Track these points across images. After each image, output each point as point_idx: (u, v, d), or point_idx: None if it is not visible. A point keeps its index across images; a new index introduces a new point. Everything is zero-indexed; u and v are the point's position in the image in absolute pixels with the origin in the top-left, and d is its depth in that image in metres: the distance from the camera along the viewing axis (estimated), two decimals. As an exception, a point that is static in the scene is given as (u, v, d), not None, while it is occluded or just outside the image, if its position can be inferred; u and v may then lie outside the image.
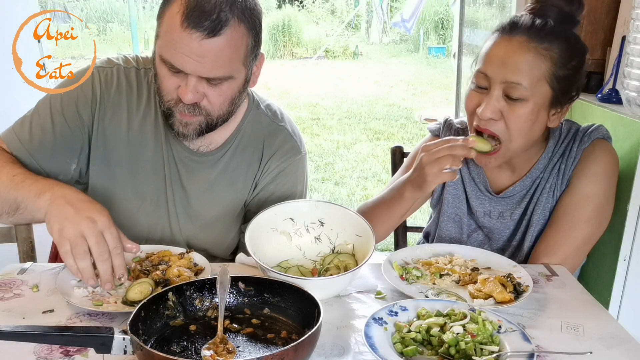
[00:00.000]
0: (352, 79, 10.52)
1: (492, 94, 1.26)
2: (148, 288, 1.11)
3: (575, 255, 1.36)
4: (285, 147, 1.43)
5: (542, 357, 0.95)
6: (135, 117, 1.36)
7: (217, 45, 1.15)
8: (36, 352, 0.95)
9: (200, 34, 1.13)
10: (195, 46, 1.13)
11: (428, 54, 12.61)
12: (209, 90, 1.21)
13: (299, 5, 14.88)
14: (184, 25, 1.12)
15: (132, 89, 1.36)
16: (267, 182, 1.43)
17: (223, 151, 1.40)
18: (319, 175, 5.49)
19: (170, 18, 1.15)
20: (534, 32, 1.25)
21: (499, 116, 1.27)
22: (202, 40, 1.13)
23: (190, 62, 1.15)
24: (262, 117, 1.44)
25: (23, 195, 1.16)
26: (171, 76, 1.20)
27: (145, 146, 1.37)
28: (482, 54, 1.31)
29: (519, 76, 1.23)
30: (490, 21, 3.59)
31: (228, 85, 1.22)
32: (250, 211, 1.46)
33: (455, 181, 1.51)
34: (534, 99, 1.25)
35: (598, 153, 1.36)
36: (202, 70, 1.16)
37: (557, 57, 1.25)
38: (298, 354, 0.85)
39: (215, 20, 1.13)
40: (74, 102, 1.32)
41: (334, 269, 1.24)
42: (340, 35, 13.89)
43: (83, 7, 12.04)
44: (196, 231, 1.43)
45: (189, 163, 1.39)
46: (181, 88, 1.19)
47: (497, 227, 1.47)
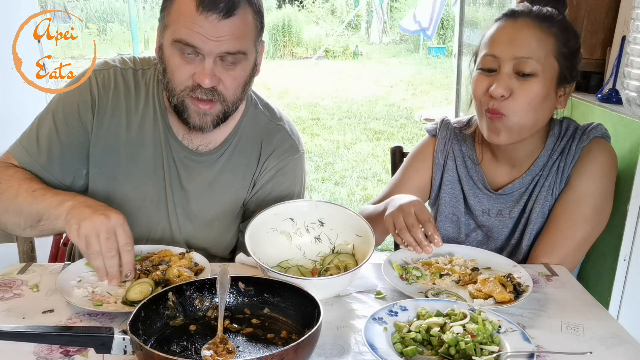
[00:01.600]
0: (352, 79, 10.52)
1: (503, 71, 1.29)
2: (148, 288, 1.11)
3: (575, 254, 1.36)
4: (283, 146, 1.44)
5: (542, 357, 0.95)
6: (134, 118, 1.36)
7: (233, 24, 1.19)
8: (36, 352, 0.95)
9: (217, 15, 1.16)
10: (212, 28, 1.17)
11: (428, 54, 12.62)
12: (224, 74, 1.23)
13: (299, 5, 14.88)
14: (199, 9, 1.16)
15: (130, 90, 1.37)
16: (265, 180, 1.44)
17: (222, 150, 1.40)
18: (319, 175, 5.49)
19: (181, 6, 1.18)
20: (535, 14, 1.30)
21: (510, 92, 1.28)
22: (219, 22, 1.17)
23: (209, 42, 1.18)
24: (260, 116, 1.45)
25: (45, 206, 1.19)
26: (185, 64, 1.22)
27: (144, 147, 1.37)
28: (485, 40, 1.35)
29: (529, 51, 1.27)
30: (490, 21, 3.59)
31: (241, 67, 1.25)
32: (248, 210, 1.46)
33: (451, 180, 1.52)
34: (543, 74, 1.28)
35: (596, 152, 1.36)
36: (221, 47, 1.19)
37: (560, 36, 1.30)
38: (298, 354, 0.85)
39: (229, 2, 1.17)
40: (76, 109, 1.33)
41: (334, 269, 1.24)
42: (340, 35, 13.89)
43: (83, 7, 12.05)
44: (196, 231, 1.43)
45: (188, 163, 1.39)
46: (198, 73, 1.21)
47: (496, 225, 1.47)
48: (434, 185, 1.56)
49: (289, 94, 9.18)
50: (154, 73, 1.38)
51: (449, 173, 1.52)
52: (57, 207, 1.17)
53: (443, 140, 1.54)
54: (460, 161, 1.51)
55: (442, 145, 1.54)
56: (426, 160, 1.57)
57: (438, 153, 1.54)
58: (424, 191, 1.58)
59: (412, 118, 7.69)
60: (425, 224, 1.21)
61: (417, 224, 1.21)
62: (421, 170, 1.57)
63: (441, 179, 1.54)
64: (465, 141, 1.51)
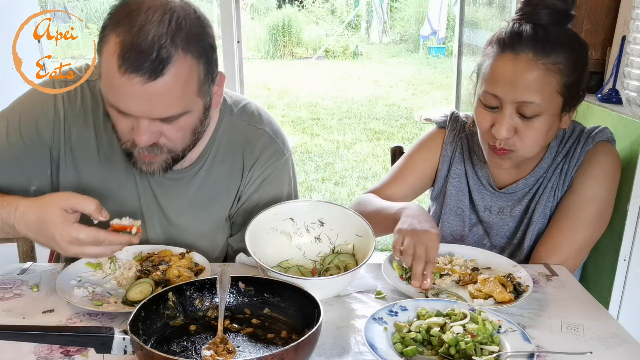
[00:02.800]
0: (352, 79, 10.51)
1: (505, 112, 1.24)
2: (148, 288, 1.11)
3: (577, 256, 1.37)
4: (267, 153, 1.34)
5: (542, 357, 0.95)
6: (104, 135, 1.27)
7: (163, 86, 1.02)
8: (36, 352, 0.95)
9: (141, 78, 1.00)
10: (139, 90, 1.02)
11: (428, 54, 12.61)
12: (165, 128, 1.10)
13: (299, 5, 14.86)
14: (121, 70, 1.00)
15: (99, 105, 1.25)
16: (251, 192, 1.35)
17: (198, 166, 1.31)
18: (319, 175, 5.49)
19: (107, 60, 1.03)
20: (540, 45, 1.21)
21: (514, 132, 1.26)
22: (144, 85, 1.01)
23: (137, 105, 1.04)
24: (238, 122, 1.34)
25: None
26: (122, 118, 1.09)
27: (116, 165, 1.28)
28: (486, 72, 1.28)
29: (531, 95, 1.21)
30: (490, 21, 3.58)
31: (186, 119, 1.11)
32: (235, 223, 1.40)
33: (458, 175, 1.51)
34: (547, 111, 1.24)
35: (601, 155, 1.36)
36: (152, 112, 1.06)
37: (565, 68, 1.22)
38: (298, 354, 0.85)
39: (156, 61, 1.00)
40: (34, 122, 1.24)
41: (334, 269, 1.24)
42: (340, 35, 13.87)
43: (83, 7, 12.03)
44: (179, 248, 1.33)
45: (164, 181, 1.30)
46: (134, 130, 1.09)
47: (497, 222, 1.47)
48: (439, 177, 1.55)
49: (289, 94, 9.17)
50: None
51: (457, 166, 1.51)
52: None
53: (452, 133, 1.53)
54: (467, 156, 1.50)
55: (452, 138, 1.53)
56: (434, 150, 1.55)
57: (447, 145, 1.53)
58: (427, 180, 1.57)
59: (412, 118, 7.69)
60: (428, 263, 1.17)
61: (423, 258, 1.16)
62: (428, 160, 1.55)
63: (448, 172, 1.53)
64: (472, 137, 1.50)
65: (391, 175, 1.58)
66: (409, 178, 1.55)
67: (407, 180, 1.55)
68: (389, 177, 1.58)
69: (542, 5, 1.25)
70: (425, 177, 1.56)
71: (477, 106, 1.32)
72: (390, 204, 1.41)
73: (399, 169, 1.57)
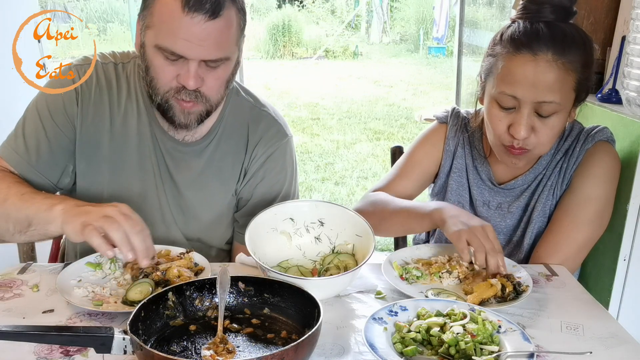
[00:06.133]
0: (352, 79, 10.51)
1: (523, 113, 1.24)
2: (148, 288, 1.11)
3: (576, 255, 1.37)
4: (270, 132, 1.44)
5: (542, 357, 0.95)
6: (117, 113, 1.36)
7: (218, 27, 1.17)
8: (36, 352, 0.95)
9: (203, 16, 1.14)
10: (197, 30, 1.15)
11: (428, 54, 12.61)
12: (207, 75, 1.22)
13: (299, 5, 14.87)
14: (184, 9, 1.13)
15: (112, 85, 1.36)
16: (256, 168, 1.43)
17: (208, 140, 1.40)
18: (319, 175, 5.49)
19: (165, 5, 1.16)
20: (559, 45, 1.21)
21: (532, 131, 1.26)
22: (205, 23, 1.15)
23: (193, 47, 1.16)
24: (244, 103, 1.45)
25: (34, 210, 1.16)
26: (168, 65, 1.20)
27: (129, 141, 1.36)
28: (501, 73, 1.26)
29: (552, 95, 1.22)
30: (490, 21, 3.59)
31: (224, 67, 1.24)
32: (242, 199, 1.46)
33: (460, 169, 1.51)
34: (563, 108, 1.25)
35: (601, 155, 1.36)
36: (205, 53, 1.17)
37: (579, 66, 1.23)
38: (298, 354, 0.85)
39: (215, 2, 1.14)
40: (61, 104, 1.32)
41: (334, 269, 1.24)
42: (340, 35, 13.88)
43: (83, 7, 12.03)
44: (188, 221, 1.43)
45: (176, 154, 1.39)
46: (182, 75, 1.20)
47: (494, 218, 1.47)
48: (441, 172, 1.55)
49: (289, 94, 9.17)
50: (134, 66, 1.38)
51: (459, 161, 1.51)
52: (48, 212, 1.13)
53: (454, 128, 1.53)
54: (468, 151, 1.51)
55: (454, 133, 1.53)
56: (437, 145, 1.55)
57: (449, 140, 1.53)
58: (430, 175, 1.57)
59: (412, 118, 7.69)
60: (499, 254, 1.18)
61: (497, 251, 1.17)
62: (431, 155, 1.55)
63: (450, 167, 1.53)
64: (473, 133, 1.50)
65: (396, 172, 1.58)
66: (415, 173, 1.55)
67: (413, 176, 1.56)
68: (394, 174, 1.58)
69: (548, 3, 1.24)
70: (429, 172, 1.57)
71: (490, 107, 1.31)
72: (416, 203, 1.42)
73: (403, 165, 1.58)
